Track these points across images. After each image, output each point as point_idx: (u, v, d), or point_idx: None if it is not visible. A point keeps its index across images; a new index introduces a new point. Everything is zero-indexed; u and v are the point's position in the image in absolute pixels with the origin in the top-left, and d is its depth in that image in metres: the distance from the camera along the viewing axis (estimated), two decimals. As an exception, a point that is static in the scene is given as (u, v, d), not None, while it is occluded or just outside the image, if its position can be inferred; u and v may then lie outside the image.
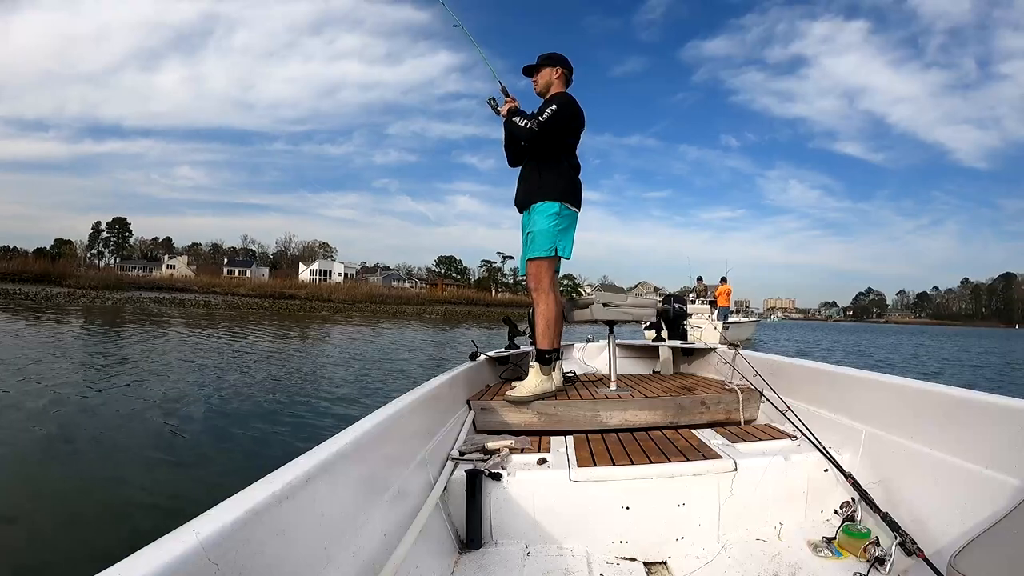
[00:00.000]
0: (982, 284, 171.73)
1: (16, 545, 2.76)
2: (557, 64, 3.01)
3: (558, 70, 3.00)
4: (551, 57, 3.03)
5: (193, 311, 28.61)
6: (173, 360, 9.01)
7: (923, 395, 1.78)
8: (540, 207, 2.85)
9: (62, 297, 32.77)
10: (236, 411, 5.68)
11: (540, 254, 2.83)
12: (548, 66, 3.01)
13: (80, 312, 22.37)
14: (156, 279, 61.61)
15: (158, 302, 35.43)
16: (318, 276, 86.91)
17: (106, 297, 36.21)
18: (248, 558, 0.85)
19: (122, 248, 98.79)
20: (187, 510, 0.86)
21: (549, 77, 3.00)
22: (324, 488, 1.12)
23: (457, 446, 2.08)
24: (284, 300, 49.87)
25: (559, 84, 3.01)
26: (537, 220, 2.84)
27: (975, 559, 1.25)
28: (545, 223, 2.82)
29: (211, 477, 3.77)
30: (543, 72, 3.01)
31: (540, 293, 2.85)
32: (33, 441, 4.36)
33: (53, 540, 2.80)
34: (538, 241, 2.83)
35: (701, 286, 20.53)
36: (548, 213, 2.82)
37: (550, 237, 2.81)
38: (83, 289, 41.94)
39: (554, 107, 2.77)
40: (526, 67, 3.06)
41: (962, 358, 18.87)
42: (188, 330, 15.86)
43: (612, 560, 1.65)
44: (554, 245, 2.82)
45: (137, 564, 0.69)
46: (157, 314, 23.69)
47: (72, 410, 5.39)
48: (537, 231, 2.83)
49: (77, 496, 3.36)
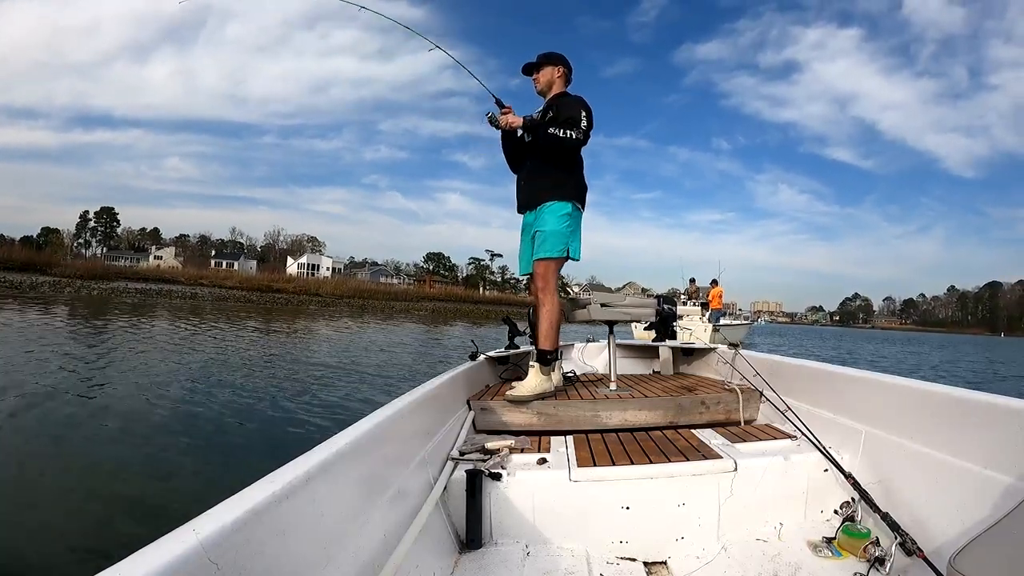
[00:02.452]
0: (968, 292, 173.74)
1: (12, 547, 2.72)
2: (559, 64, 3.00)
3: (559, 69, 2.99)
4: (552, 56, 3.01)
5: (180, 303, 28.38)
6: (153, 360, 8.62)
7: (923, 395, 1.79)
8: (551, 207, 2.83)
9: (47, 286, 32.35)
10: (226, 411, 5.52)
11: (552, 255, 2.81)
12: (549, 65, 2.99)
13: (65, 302, 22.12)
14: (143, 270, 60.95)
15: (144, 293, 35.12)
16: (306, 270, 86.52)
17: (92, 287, 35.76)
18: (248, 558, 0.86)
19: (109, 238, 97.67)
20: (168, 508, 0.85)
21: (551, 76, 2.99)
22: (324, 488, 1.12)
23: (457, 446, 2.08)
24: (272, 294, 49.30)
25: (560, 84, 3.00)
26: (548, 220, 2.82)
27: (975, 559, 1.25)
28: (558, 224, 2.80)
29: (187, 483, 3.70)
30: (544, 71, 3.00)
31: (547, 294, 2.83)
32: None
33: (47, 542, 2.75)
34: (550, 242, 2.81)
35: (693, 288, 20.43)
36: (561, 214, 2.81)
37: (562, 238, 2.81)
38: (69, 278, 41.20)
39: (584, 112, 2.76)
40: (526, 65, 3.04)
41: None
42: (174, 324, 15.65)
43: (612, 560, 1.65)
44: (566, 246, 2.82)
45: (137, 564, 0.69)
46: (143, 305, 23.48)
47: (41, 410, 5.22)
48: (549, 231, 2.81)
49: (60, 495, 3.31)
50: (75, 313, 17.12)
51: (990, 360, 23.52)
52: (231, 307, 28.39)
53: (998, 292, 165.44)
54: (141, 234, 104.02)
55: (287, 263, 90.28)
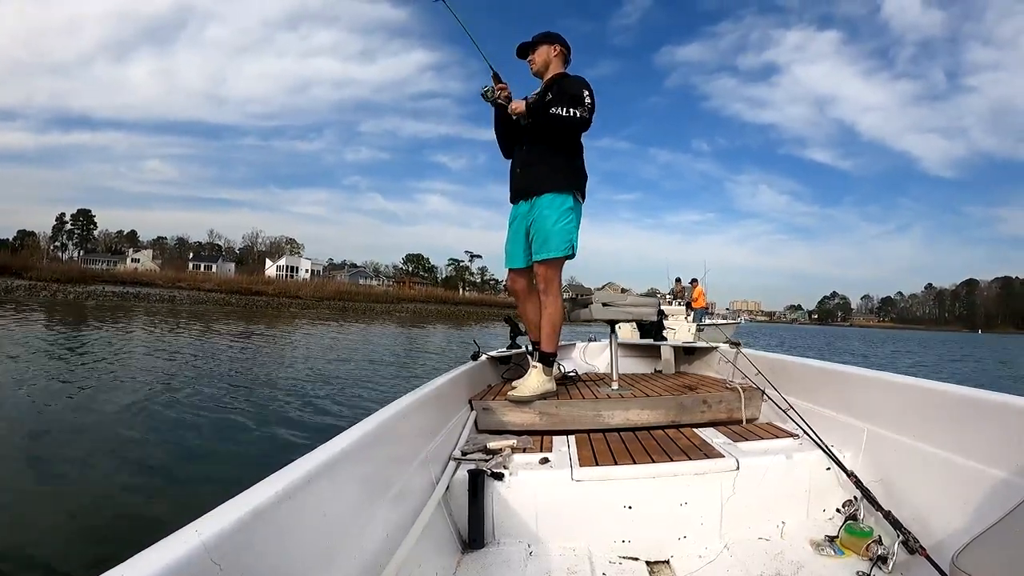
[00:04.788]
0: (946, 289, 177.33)
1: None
2: (555, 42, 2.82)
3: (556, 48, 2.81)
4: (548, 35, 2.83)
5: (158, 307, 27.94)
6: (135, 368, 8.52)
7: (925, 393, 1.78)
8: (550, 199, 2.63)
9: (23, 290, 31.73)
10: (210, 423, 5.40)
11: (556, 254, 2.63)
12: (546, 44, 2.81)
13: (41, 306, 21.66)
14: (120, 273, 59.15)
15: (122, 296, 34.54)
16: (285, 272, 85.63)
17: (68, 291, 35.14)
18: (251, 558, 0.86)
19: (86, 241, 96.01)
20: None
21: (547, 55, 2.80)
22: (326, 488, 1.12)
23: (459, 446, 2.06)
24: (251, 296, 48.77)
25: (558, 63, 2.83)
26: (549, 215, 2.61)
27: (978, 557, 1.25)
28: (561, 219, 2.61)
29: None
30: (540, 50, 2.81)
31: (550, 296, 2.69)
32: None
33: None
34: (553, 240, 2.61)
35: (679, 287, 20.13)
36: (563, 208, 2.62)
37: (566, 235, 2.62)
38: (45, 282, 40.20)
39: (586, 92, 2.56)
40: (521, 46, 2.86)
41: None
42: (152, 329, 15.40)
43: (614, 559, 1.64)
44: (571, 243, 2.64)
45: (140, 565, 0.69)
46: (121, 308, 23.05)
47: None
48: (551, 228, 2.60)
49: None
50: (52, 318, 16.80)
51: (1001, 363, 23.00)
52: (210, 311, 28.03)
53: (975, 289, 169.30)
54: (118, 236, 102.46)
55: (265, 265, 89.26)
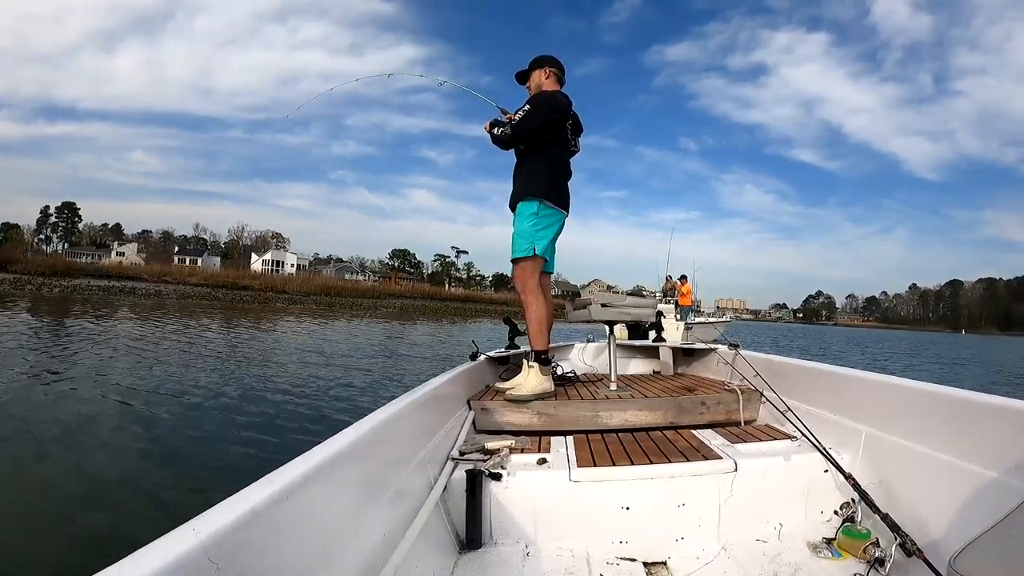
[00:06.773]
0: (930, 290, 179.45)
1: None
2: (545, 65, 3.05)
3: (547, 70, 3.03)
4: (539, 60, 3.07)
5: (145, 301, 27.64)
6: (125, 368, 8.23)
7: (923, 396, 1.79)
8: (520, 207, 2.86)
9: (7, 284, 31.31)
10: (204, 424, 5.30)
11: (518, 254, 2.82)
12: (537, 68, 3.05)
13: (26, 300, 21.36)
14: (105, 266, 58.64)
15: (107, 291, 34.12)
16: (270, 267, 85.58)
17: (53, 284, 34.65)
18: (248, 558, 0.86)
19: (71, 234, 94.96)
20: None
21: (539, 79, 3.03)
22: (324, 488, 1.12)
23: (457, 446, 2.05)
24: (237, 291, 48.37)
25: (550, 84, 3.03)
26: (516, 221, 2.86)
27: (975, 560, 1.25)
28: (523, 223, 2.82)
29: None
30: (533, 76, 3.06)
31: (527, 295, 2.83)
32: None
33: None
34: (516, 242, 2.83)
35: (669, 284, 19.79)
36: (527, 213, 2.83)
37: (528, 237, 2.80)
38: (29, 275, 39.91)
39: (527, 107, 2.81)
40: (518, 74, 3.13)
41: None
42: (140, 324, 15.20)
43: (612, 560, 1.64)
44: (532, 245, 2.80)
45: (138, 563, 0.70)
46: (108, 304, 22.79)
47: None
48: (516, 232, 2.84)
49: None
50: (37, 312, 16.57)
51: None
52: (197, 305, 27.76)
53: (959, 290, 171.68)
54: (103, 230, 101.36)
55: (251, 259, 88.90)
